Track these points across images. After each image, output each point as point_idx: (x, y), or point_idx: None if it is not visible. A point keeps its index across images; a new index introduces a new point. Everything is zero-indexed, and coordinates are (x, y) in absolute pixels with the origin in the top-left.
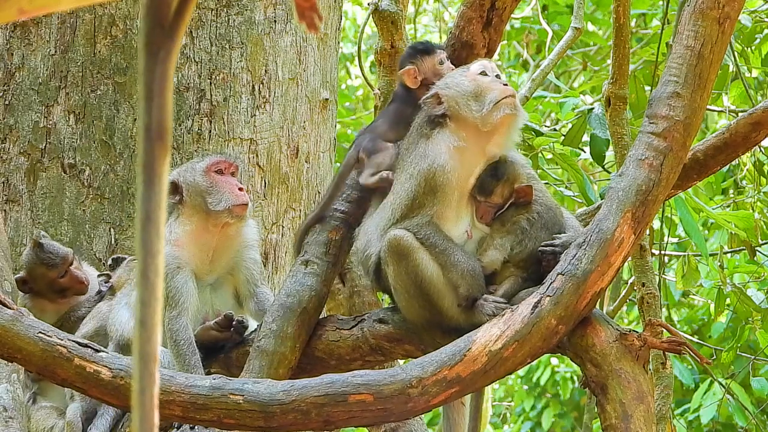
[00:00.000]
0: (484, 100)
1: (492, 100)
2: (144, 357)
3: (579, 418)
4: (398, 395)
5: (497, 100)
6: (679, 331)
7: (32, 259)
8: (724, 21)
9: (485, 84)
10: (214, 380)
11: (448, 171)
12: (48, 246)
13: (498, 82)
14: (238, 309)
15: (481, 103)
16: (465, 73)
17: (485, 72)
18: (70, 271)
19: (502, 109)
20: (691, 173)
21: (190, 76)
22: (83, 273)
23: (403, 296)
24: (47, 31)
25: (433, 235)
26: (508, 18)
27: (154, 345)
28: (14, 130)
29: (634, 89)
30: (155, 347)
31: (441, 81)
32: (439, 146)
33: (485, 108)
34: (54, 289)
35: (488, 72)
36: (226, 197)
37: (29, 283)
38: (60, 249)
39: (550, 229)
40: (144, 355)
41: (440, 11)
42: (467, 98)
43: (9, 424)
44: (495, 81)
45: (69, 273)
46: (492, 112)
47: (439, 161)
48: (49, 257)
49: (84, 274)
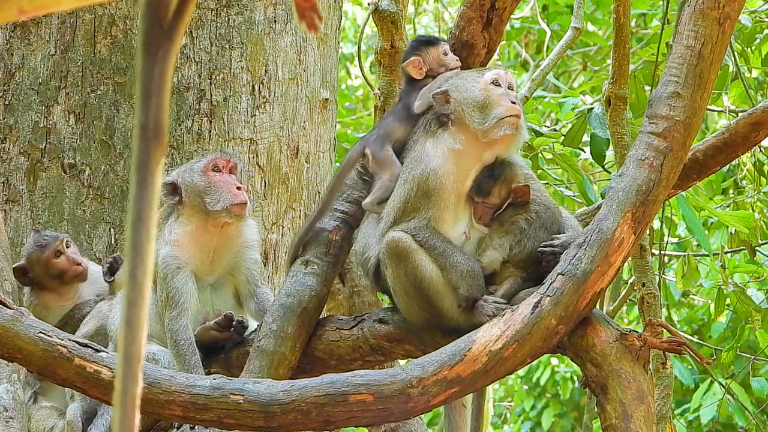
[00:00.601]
0: (488, 114)
1: (496, 116)
2: (128, 357)
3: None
4: (398, 395)
5: (501, 117)
6: (679, 331)
7: (29, 245)
8: (724, 21)
9: (494, 97)
10: (214, 380)
11: (441, 175)
12: (43, 231)
13: (507, 97)
14: (239, 309)
15: (485, 116)
16: (478, 79)
17: (498, 82)
18: (65, 252)
19: (503, 128)
20: (691, 173)
21: (190, 76)
22: (80, 257)
23: (403, 297)
24: (47, 31)
25: (432, 237)
26: (508, 18)
27: (139, 345)
28: (14, 130)
29: (634, 89)
30: (140, 347)
31: (453, 80)
32: (436, 149)
33: (488, 122)
34: (51, 273)
35: (501, 82)
36: (224, 197)
37: (28, 271)
38: (54, 233)
39: (549, 229)
40: (128, 355)
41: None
42: (473, 107)
43: (9, 424)
44: (505, 95)
45: (64, 254)
46: (493, 128)
47: (432, 165)
48: (43, 238)
49: (80, 258)
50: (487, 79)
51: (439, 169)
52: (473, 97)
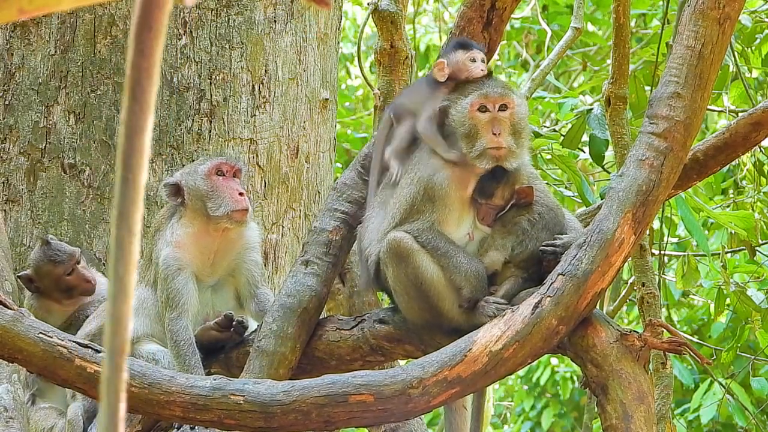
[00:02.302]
0: (474, 143)
1: (479, 148)
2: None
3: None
4: (399, 396)
5: (483, 149)
6: (679, 331)
7: (39, 256)
8: (724, 21)
9: (480, 126)
10: (214, 381)
11: (446, 182)
12: (56, 244)
13: (491, 128)
14: (239, 310)
15: (471, 144)
16: (467, 104)
17: (486, 107)
18: (77, 269)
19: (485, 161)
20: (691, 173)
21: (190, 76)
22: (90, 273)
23: (403, 298)
24: (47, 31)
25: (435, 238)
26: (508, 18)
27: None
28: (14, 130)
29: (634, 89)
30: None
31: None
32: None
33: (473, 152)
34: (60, 287)
35: (489, 107)
36: (226, 203)
37: (35, 282)
38: (67, 247)
39: (551, 230)
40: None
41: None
42: (461, 134)
43: (9, 425)
44: (490, 124)
45: (76, 271)
46: (476, 159)
47: (439, 170)
48: (57, 254)
49: (91, 274)
50: (474, 105)
51: (445, 175)
52: (461, 125)
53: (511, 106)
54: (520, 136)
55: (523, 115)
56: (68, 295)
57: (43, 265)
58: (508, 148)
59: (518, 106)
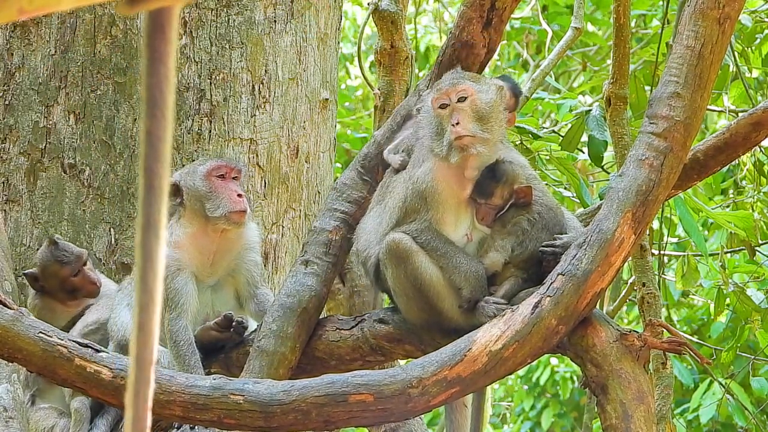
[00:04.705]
0: (441, 140)
1: (446, 144)
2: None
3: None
4: (398, 395)
5: (449, 143)
6: (679, 331)
7: (46, 256)
8: (724, 21)
9: (443, 121)
10: (214, 380)
11: (434, 181)
12: (63, 245)
13: (449, 121)
14: (239, 310)
15: (440, 142)
16: (428, 105)
17: (444, 103)
18: (83, 270)
19: (453, 154)
20: (691, 173)
21: (190, 76)
22: (96, 275)
23: (403, 298)
24: (47, 31)
25: (434, 239)
26: (508, 18)
27: (151, 349)
28: (14, 130)
29: (634, 89)
30: (152, 352)
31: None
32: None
33: (443, 149)
34: (65, 288)
35: (447, 100)
36: (224, 204)
37: (40, 281)
38: (75, 248)
39: (551, 230)
40: (140, 360)
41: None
42: (432, 134)
43: (9, 425)
44: (450, 117)
45: (82, 272)
46: (448, 155)
47: (428, 169)
48: (64, 255)
49: (97, 276)
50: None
51: (435, 173)
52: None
53: (470, 93)
54: (488, 122)
55: (486, 101)
56: (73, 296)
57: (50, 265)
58: (473, 135)
59: (479, 92)
